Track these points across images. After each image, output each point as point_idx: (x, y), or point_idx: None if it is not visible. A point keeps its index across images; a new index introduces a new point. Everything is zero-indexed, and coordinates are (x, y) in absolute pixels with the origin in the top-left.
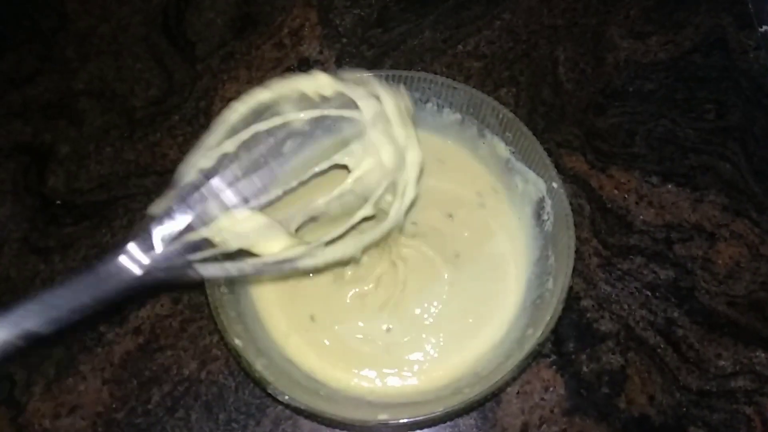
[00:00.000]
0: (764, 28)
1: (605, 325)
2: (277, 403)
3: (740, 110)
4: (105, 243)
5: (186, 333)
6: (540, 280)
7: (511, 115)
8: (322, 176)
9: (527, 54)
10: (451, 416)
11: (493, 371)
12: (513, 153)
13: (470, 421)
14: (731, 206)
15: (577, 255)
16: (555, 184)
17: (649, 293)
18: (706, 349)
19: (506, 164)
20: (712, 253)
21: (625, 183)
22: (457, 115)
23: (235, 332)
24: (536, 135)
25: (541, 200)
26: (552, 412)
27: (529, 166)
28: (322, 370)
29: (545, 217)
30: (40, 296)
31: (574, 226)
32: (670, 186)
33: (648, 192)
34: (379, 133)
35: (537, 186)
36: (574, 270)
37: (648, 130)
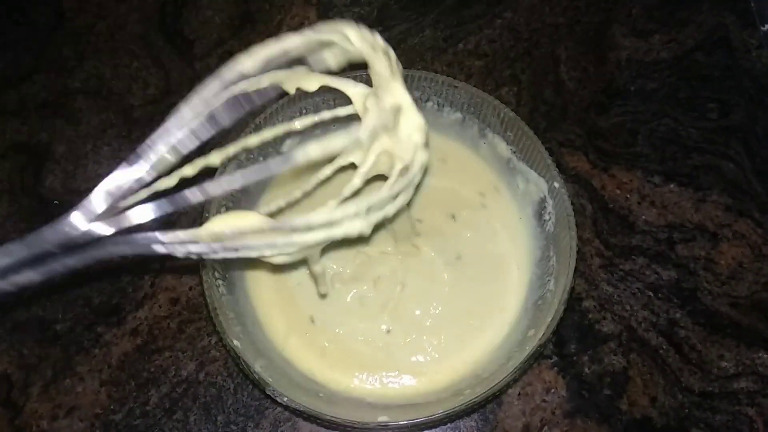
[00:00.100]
0: (767, 26)
1: (607, 326)
2: (276, 404)
3: (743, 109)
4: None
5: (184, 334)
6: (541, 280)
7: (512, 114)
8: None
9: (529, 53)
10: (452, 418)
11: (494, 373)
12: (514, 152)
13: (471, 422)
14: (734, 206)
15: (579, 255)
16: (556, 184)
17: (651, 294)
18: (709, 350)
19: (507, 164)
20: (714, 253)
21: (627, 183)
22: (458, 115)
23: (233, 333)
24: (538, 134)
25: (543, 200)
26: (553, 413)
27: (531, 166)
28: (321, 372)
29: (547, 217)
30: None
31: (576, 226)
32: (672, 186)
33: (650, 192)
34: (377, 120)
35: (538, 186)
36: (575, 270)
37: (650, 129)
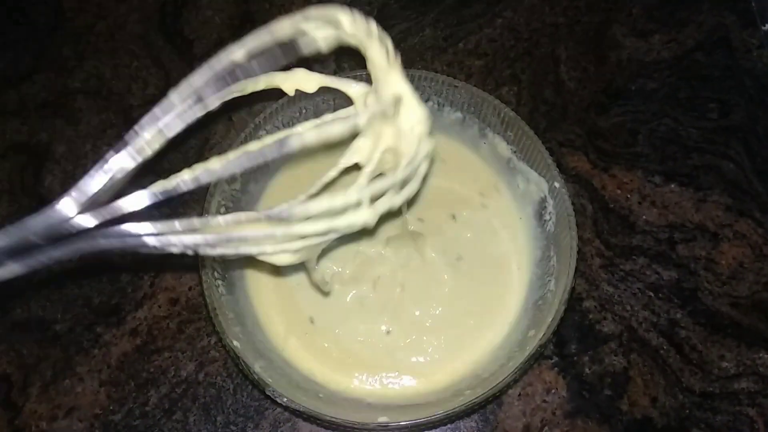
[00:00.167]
0: (767, 26)
1: (608, 327)
2: (276, 405)
3: (743, 109)
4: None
5: (184, 334)
6: (542, 281)
7: (512, 114)
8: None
9: (529, 52)
10: (452, 419)
11: (494, 373)
12: (514, 152)
13: (471, 423)
14: (734, 206)
15: (580, 255)
16: (557, 184)
17: (651, 294)
18: (709, 350)
19: (508, 164)
20: (715, 253)
21: (628, 183)
22: (458, 114)
23: (233, 334)
24: (538, 134)
25: (543, 200)
26: (554, 414)
27: (531, 166)
28: (321, 373)
29: (547, 217)
30: None
31: (577, 226)
32: (672, 186)
33: (651, 192)
34: (376, 107)
35: (539, 186)
36: (576, 271)
37: (650, 129)
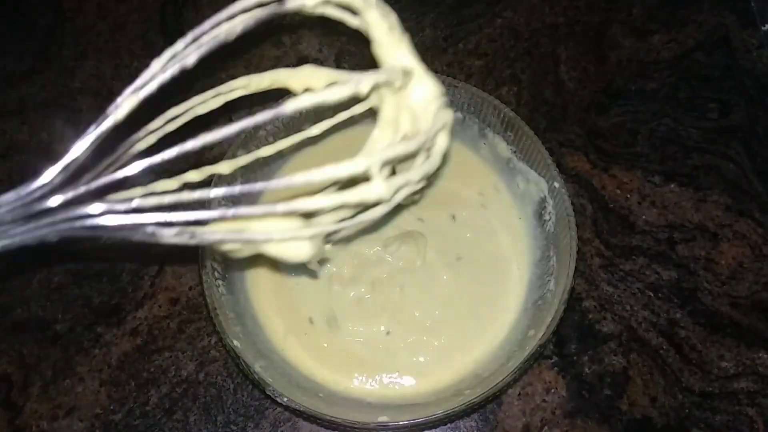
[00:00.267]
0: (767, 26)
1: (607, 327)
2: (276, 404)
3: (743, 109)
4: (102, 243)
5: (184, 334)
6: (541, 280)
7: (512, 114)
8: None
9: (529, 52)
10: (452, 418)
11: (494, 373)
12: (514, 152)
13: (471, 423)
14: (734, 206)
15: (579, 255)
16: (557, 184)
17: (651, 294)
18: (709, 350)
19: (507, 164)
20: (715, 253)
21: (628, 183)
22: (458, 114)
23: (233, 333)
24: (538, 134)
25: (543, 200)
26: (553, 413)
27: (531, 166)
28: (321, 373)
29: (547, 217)
30: None
31: (576, 226)
32: (672, 186)
33: (650, 192)
34: (382, 74)
35: (539, 186)
36: (575, 270)
37: (650, 129)
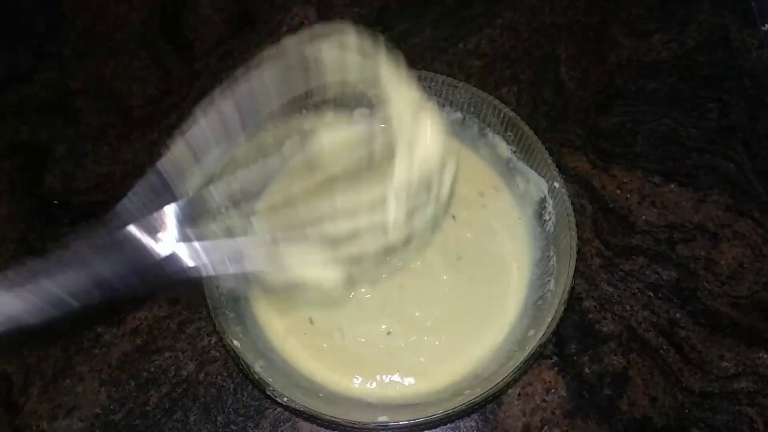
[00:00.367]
0: (767, 26)
1: (607, 326)
2: (276, 404)
3: (743, 109)
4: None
5: (184, 334)
6: (541, 280)
7: (512, 114)
8: None
9: (529, 52)
10: (452, 418)
11: (494, 373)
12: (514, 152)
13: (471, 423)
14: (734, 206)
15: (579, 255)
16: (557, 184)
17: (651, 294)
18: (709, 350)
19: (507, 164)
20: (715, 253)
21: (628, 183)
22: (458, 114)
23: (233, 333)
24: (538, 134)
25: (543, 200)
26: (553, 413)
27: (531, 166)
28: (321, 373)
29: (547, 217)
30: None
31: (576, 226)
32: (672, 186)
33: (650, 192)
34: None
35: (539, 186)
36: (575, 270)
37: (650, 129)
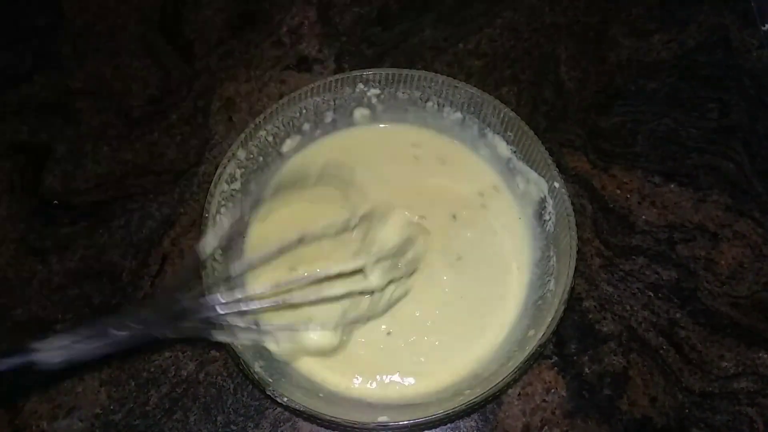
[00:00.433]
0: (767, 26)
1: (607, 326)
2: (276, 404)
3: (743, 109)
4: (102, 243)
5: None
6: (542, 280)
7: (512, 114)
8: None
9: (529, 52)
10: (452, 418)
11: (494, 373)
12: (514, 152)
13: (471, 422)
14: (734, 206)
15: (579, 255)
16: (557, 184)
17: (651, 294)
18: (709, 350)
19: (507, 164)
20: (715, 253)
21: (628, 183)
22: (458, 114)
23: None
24: (538, 134)
25: (543, 200)
26: (553, 413)
27: (531, 166)
28: (321, 373)
29: (547, 217)
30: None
31: (576, 226)
32: (672, 186)
33: (650, 192)
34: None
35: (539, 186)
36: (575, 270)
37: (650, 129)
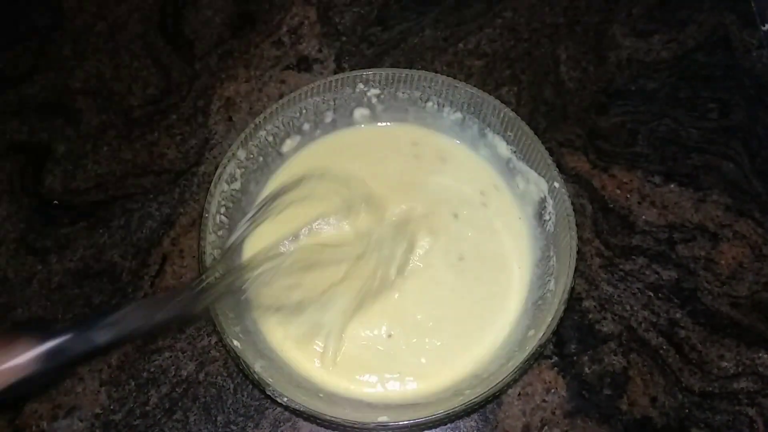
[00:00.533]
0: (767, 26)
1: (607, 327)
2: (276, 404)
3: (743, 109)
4: (102, 243)
5: (184, 334)
6: (541, 281)
7: (512, 114)
8: None
9: (529, 52)
10: (452, 418)
11: (494, 373)
12: (514, 152)
13: (471, 423)
14: (734, 206)
15: (579, 255)
16: (557, 184)
17: (651, 294)
18: (709, 350)
19: (507, 164)
20: (715, 253)
21: (628, 183)
22: (458, 114)
23: (233, 333)
24: (538, 134)
25: (543, 200)
26: (553, 413)
27: (531, 166)
28: (321, 374)
29: (547, 217)
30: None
31: (576, 226)
32: (672, 186)
33: (650, 192)
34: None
35: (539, 186)
36: (575, 270)
37: (650, 129)
